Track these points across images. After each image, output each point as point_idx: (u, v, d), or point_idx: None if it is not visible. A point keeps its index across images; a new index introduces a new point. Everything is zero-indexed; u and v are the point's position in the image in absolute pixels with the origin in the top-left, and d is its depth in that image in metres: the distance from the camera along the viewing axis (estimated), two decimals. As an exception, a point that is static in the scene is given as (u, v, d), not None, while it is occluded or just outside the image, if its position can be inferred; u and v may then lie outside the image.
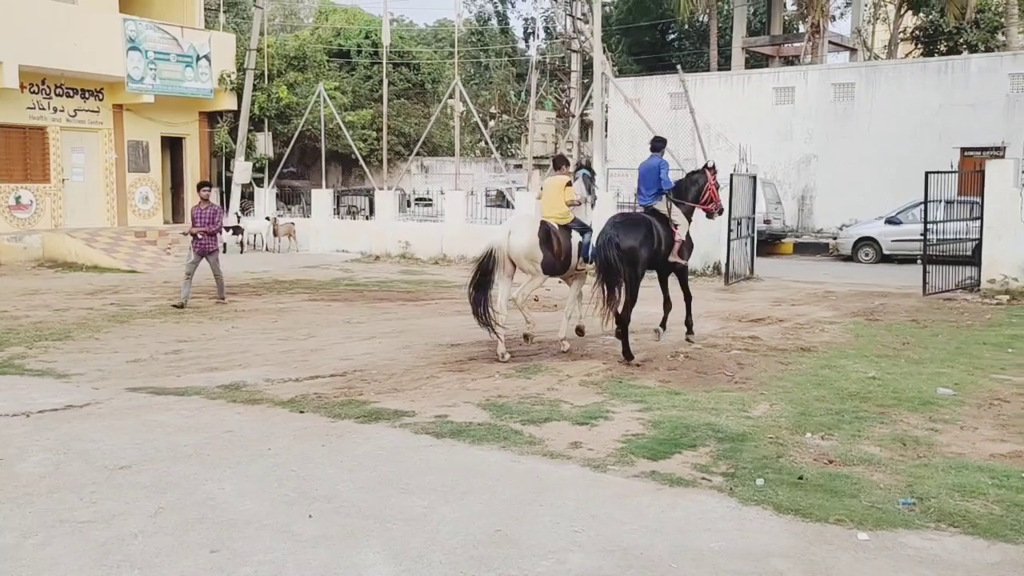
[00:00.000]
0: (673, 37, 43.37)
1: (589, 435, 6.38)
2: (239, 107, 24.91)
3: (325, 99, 24.85)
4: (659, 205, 9.97)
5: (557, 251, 9.57)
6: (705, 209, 10.33)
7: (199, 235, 13.52)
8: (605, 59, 25.70)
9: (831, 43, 32.42)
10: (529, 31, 43.12)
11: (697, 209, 10.31)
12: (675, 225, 9.88)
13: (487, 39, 42.69)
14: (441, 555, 4.34)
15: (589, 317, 9.73)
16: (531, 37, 41.14)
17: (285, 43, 30.01)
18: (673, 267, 10.15)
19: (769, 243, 23.03)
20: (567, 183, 9.91)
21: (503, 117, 39.54)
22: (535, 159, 30.95)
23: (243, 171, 25.12)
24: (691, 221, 10.25)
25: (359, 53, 35.45)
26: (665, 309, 10.33)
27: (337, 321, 12.07)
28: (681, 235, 9.90)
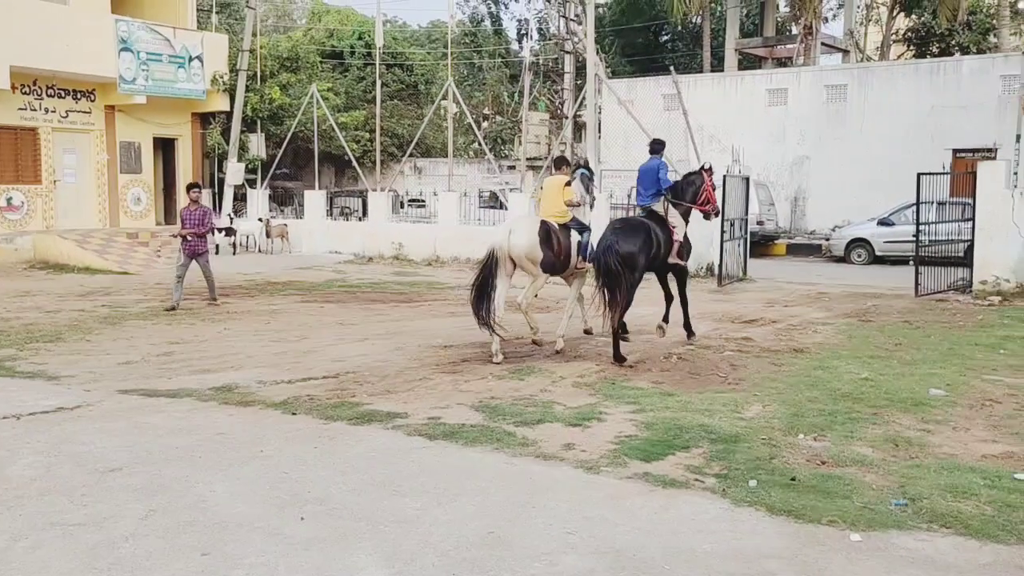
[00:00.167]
0: (666, 38, 43.45)
1: (582, 436, 6.37)
2: (232, 108, 24.85)
3: (318, 100, 24.81)
4: (657, 206, 10.07)
5: (557, 250, 9.65)
6: (702, 210, 10.44)
7: (188, 237, 13.43)
8: (598, 60, 25.72)
9: (824, 45, 32.51)
10: (522, 32, 43.19)
11: (694, 210, 10.40)
12: (672, 227, 9.96)
13: (480, 40, 42.71)
14: (434, 557, 4.32)
15: (594, 317, 9.80)
16: (524, 38, 41.16)
17: (278, 44, 29.97)
18: (673, 268, 10.25)
19: (762, 244, 23.07)
20: (566, 183, 10.00)
21: (496, 118, 39.58)
22: (528, 160, 30.96)
23: (236, 172, 25.06)
24: (688, 222, 10.34)
25: (352, 54, 35.41)
26: (667, 302, 10.45)
27: (330, 323, 12.05)
28: (679, 236, 10.00)
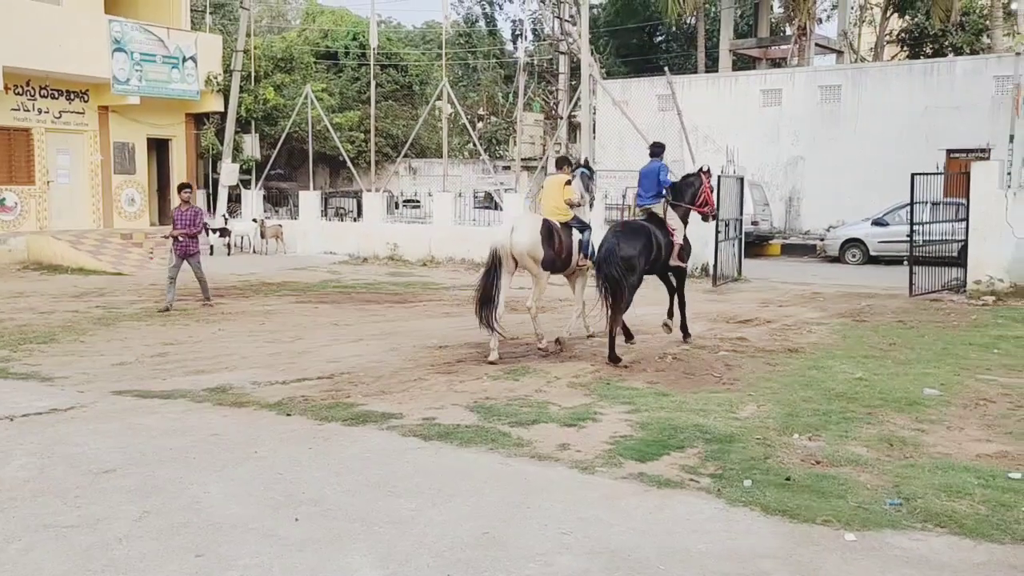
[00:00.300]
0: (661, 39, 43.48)
1: (577, 437, 6.37)
2: (226, 109, 24.82)
3: (312, 101, 24.79)
4: (657, 208, 10.20)
5: (558, 248, 9.77)
6: (700, 212, 10.60)
7: (180, 237, 13.37)
8: (593, 61, 25.73)
9: (818, 45, 32.58)
10: (517, 33, 43.20)
11: (693, 212, 10.54)
12: (672, 229, 10.07)
13: (475, 41, 42.70)
14: (428, 558, 4.32)
15: (595, 317, 9.87)
16: (519, 39, 41.22)
17: (272, 45, 29.92)
18: (673, 269, 10.35)
19: (757, 245, 23.10)
20: (566, 182, 10.12)
21: (491, 119, 39.57)
22: (523, 161, 30.96)
23: (230, 173, 25.02)
24: (687, 224, 10.46)
25: (346, 55, 35.38)
26: (671, 299, 10.56)
27: (325, 323, 12.03)
28: (679, 239, 10.12)
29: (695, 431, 6.44)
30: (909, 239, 15.36)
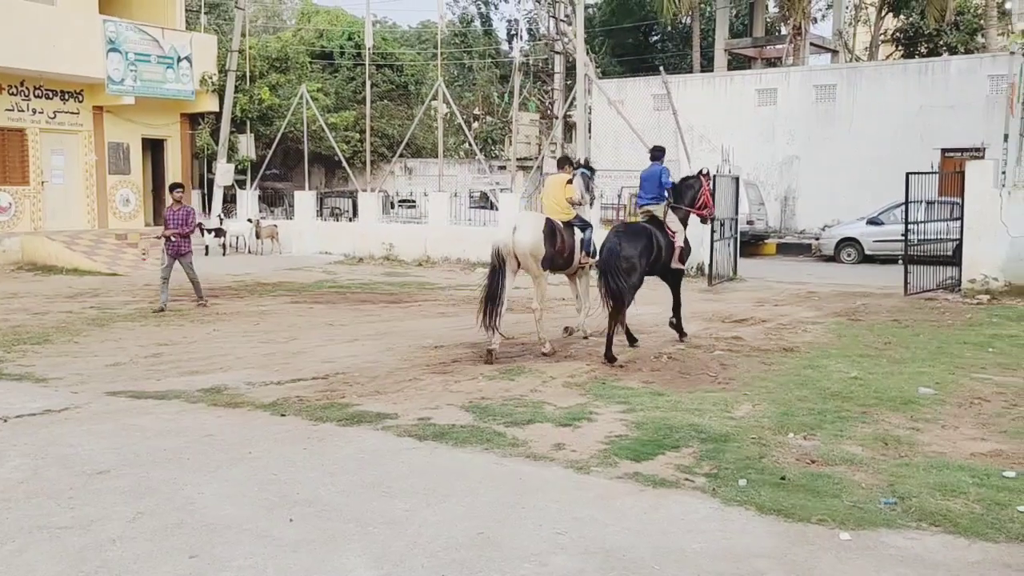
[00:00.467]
0: (656, 39, 43.47)
1: (572, 437, 6.36)
2: (221, 109, 24.77)
3: (308, 101, 24.76)
4: (657, 210, 10.27)
5: (560, 247, 9.87)
6: (699, 214, 10.73)
7: (173, 237, 13.34)
8: (588, 61, 25.72)
9: (813, 45, 32.60)
10: (512, 33, 43.11)
11: (691, 214, 10.64)
12: (672, 232, 10.16)
13: (470, 41, 42.66)
14: (423, 558, 4.31)
15: (592, 317, 9.96)
16: (514, 39, 41.09)
17: (267, 44, 29.89)
18: (671, 270, 10.42)
19: (752, 244, 23.12)
20: (567, 181, 10.21)
21: (487, 119, 39.53)
22: (519, 160, 30.95)
23: (225, 173, 24.98)
24: (687, 226, 10.54)
25: (342, 55, 35.33)
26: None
27: (320, 323, 12.01)
28: (679, 241, 10.22)
29: (690, 431, 6.45)
30: (904, 238, 15.38)
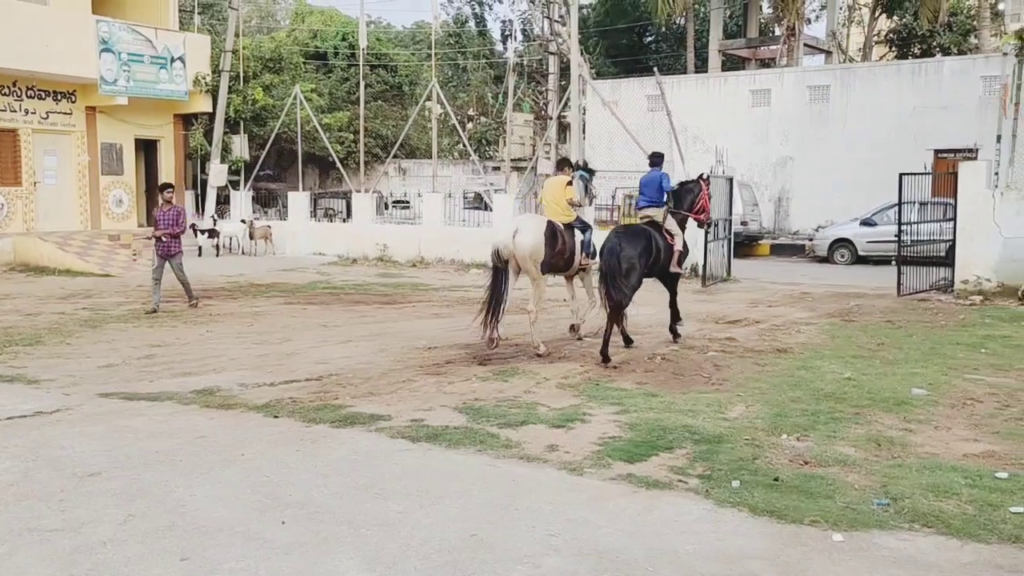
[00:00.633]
0: (650, 40, 43.50)
1: (566, 438, 6.36)
2: (214, 109, 24.73)
3: (301, 101, 24.71)
4: (656, 214, 10.34)
5: (561, 249, 9.95)
6: (697, 219, 10.88)
7: (163, 238, 13.27)
8: (582, 61, 25.70)
9: (806, 46, 32.67)
10: (507, 33, 43.12)
11: (690, 219, 10.77)
12: (671, 236, 10.23)
13: (465, 41, 42.64)
14: (416, 560, 4.30)
15: (585, 319, 10.04)
16: (509, 39, 41.09)
17: (261, 45, 29.80)
18: (669, 272, 10.49)
19: (746, 245, 23.15)
20: (567, 183, 10.27)
21: (481, 119, 39.51)
22: (513, 161, 30.93)
23: (219, 174, 24.92)
24: (684, 229, 10.64)
25: (336, 55, 35.24)
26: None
27: (313, 325, 11.99)
28: (678, 245, 10.31)
29: (684, 432, 6.44)
30: (897, 239, 15.42)
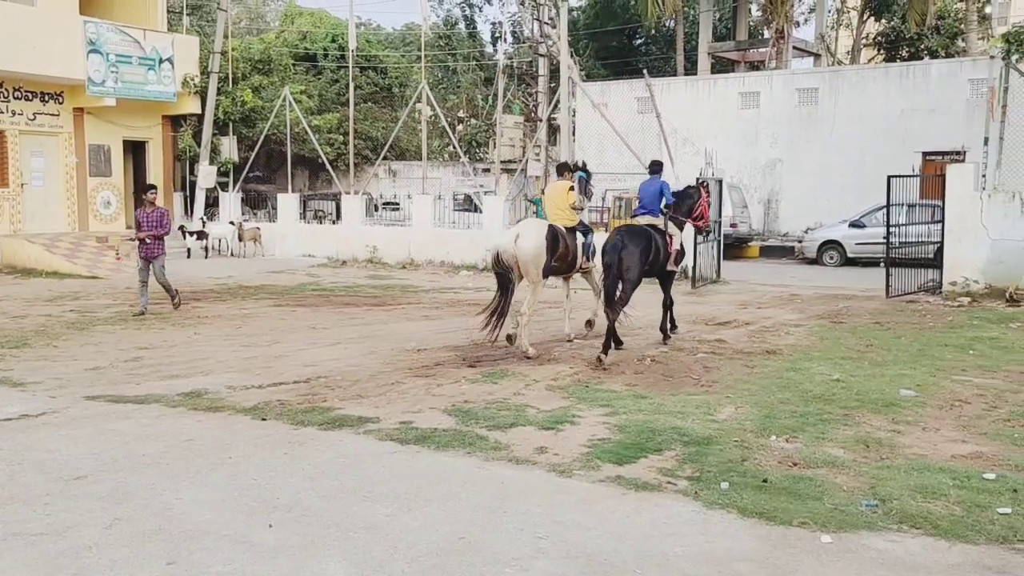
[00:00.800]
0: (640, 42, 43.57)
1: (555, 440, 6.35)
2: (203, 111, 24.62)
3: (291, 103, 24.64)
4: (657, 222, 10.42)
5: (563, 253, 10.02)
6: (696, 225, 11.12)
7: (147, 240, 13.16)
8: (572, 63, 25.74)
9: (795, 48, 32.79)
10: (496, 35, 43.08)
11: (688, 224, 10.96)
12: (670, 236, 10.38)
13: (455, 43, 42.61)
14: (403, 563, 4.28)
15: (575, 320, 10.16)
16: (498, 41, 41.06)
17: (250, 46, 29.72)
18: (666, 272, 10.60)
19: (735, 246, 23.20)
20: (569, 187, 10.32)
21: (471, 121, 39.50)
22: (503, 163, 30.93)
23: (207, 175, 24.82)
24: (682, 231, 10.81)
25: (325, 57, 35.16)
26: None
27: (302, 327, 11.95)
28: (676, 245, 10.47)
29: (673, 433, 6.44)
30: (886, 241, 15.47)
